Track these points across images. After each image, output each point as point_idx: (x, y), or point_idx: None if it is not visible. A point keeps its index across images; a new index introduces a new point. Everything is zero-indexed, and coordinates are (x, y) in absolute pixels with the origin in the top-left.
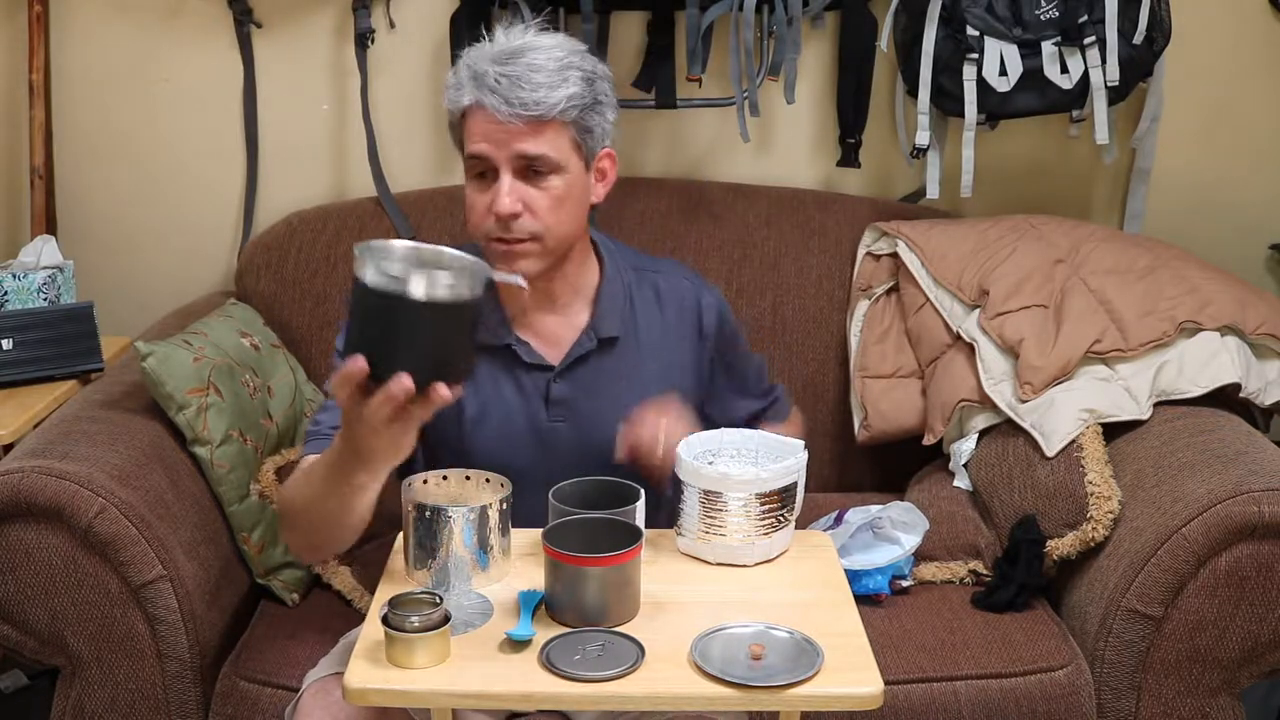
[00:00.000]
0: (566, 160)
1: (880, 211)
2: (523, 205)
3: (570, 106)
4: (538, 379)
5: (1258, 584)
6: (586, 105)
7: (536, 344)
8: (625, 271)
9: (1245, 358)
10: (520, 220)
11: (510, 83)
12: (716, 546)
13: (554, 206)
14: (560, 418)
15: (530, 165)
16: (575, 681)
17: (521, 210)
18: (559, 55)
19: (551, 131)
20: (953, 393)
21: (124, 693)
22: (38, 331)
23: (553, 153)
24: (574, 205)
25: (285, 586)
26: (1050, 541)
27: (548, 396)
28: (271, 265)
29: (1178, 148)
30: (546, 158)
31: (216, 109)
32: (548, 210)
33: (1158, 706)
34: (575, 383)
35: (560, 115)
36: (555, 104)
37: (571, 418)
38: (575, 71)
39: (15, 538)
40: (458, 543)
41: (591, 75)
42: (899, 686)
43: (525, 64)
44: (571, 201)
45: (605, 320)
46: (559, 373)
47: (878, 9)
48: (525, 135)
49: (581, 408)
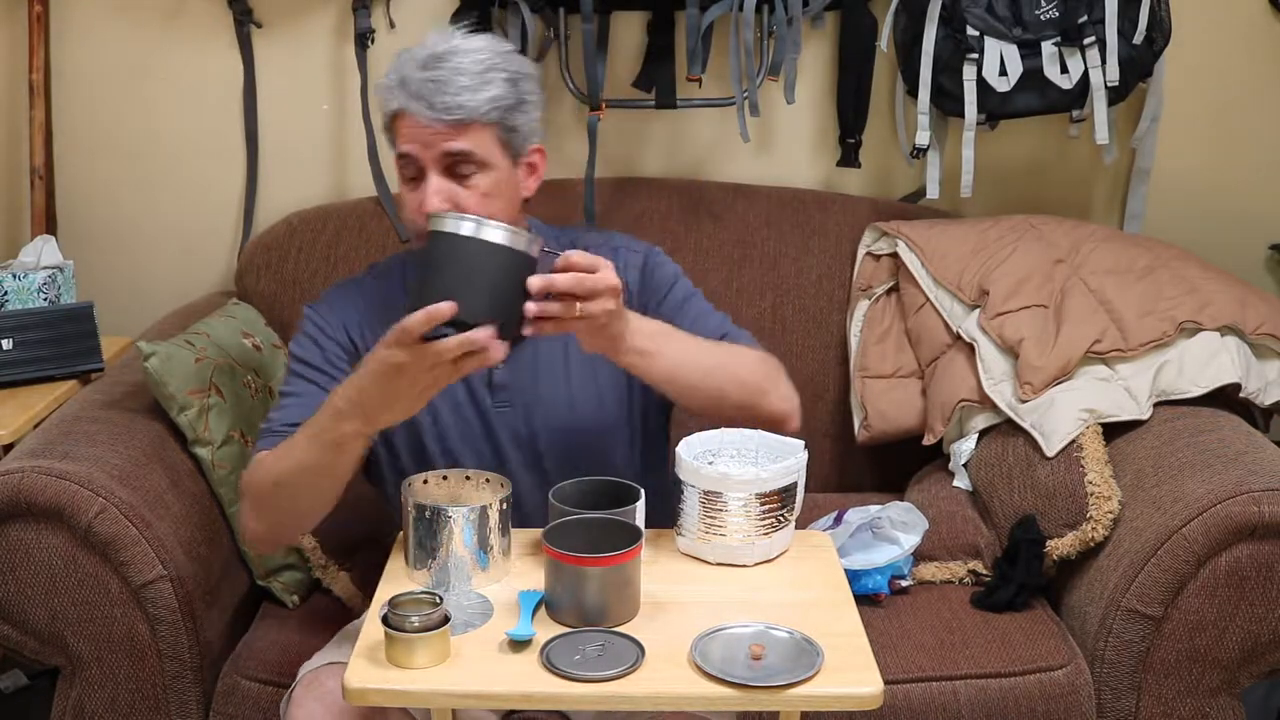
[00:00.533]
0: (492, 158)
1: (880, 211)
2: (450, 204)
3: (493, 108)
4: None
5: (1258, 584)
6: (510, 105)
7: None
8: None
9: (1245, 358)
10: None
11: (435, 87)
12: (716, 546)
13: (482, 203)
14: (505, 402)
15: (456, 164)
16: (575, 681)
17: (449, 208)
18: (483, 58)
19: (475, 132)
20: (953, 393)
21: (124, 693)
22: (38, 331)
23: (478, 151)
24: (503, 201)
25: (285, 588)
26: (1050, 541)
27: (490, 383)
28: (271, 265)
29: (1178, 148)
30: (472, 156)
31: (216, 109)
32: (477, 205)
33: (1157, 706)
34: (516, 366)
35: (483, 117)
36: (477, 106)
37: (517, 400)
38: (499, 73)
39: (15, 538)
40: (458, 543)
41: (516, 76)
42: (899, 686)
43: (450, 68)
44: (500, 198)
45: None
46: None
47: (878, 9)
48: (450, 136)
49: (525, 390)
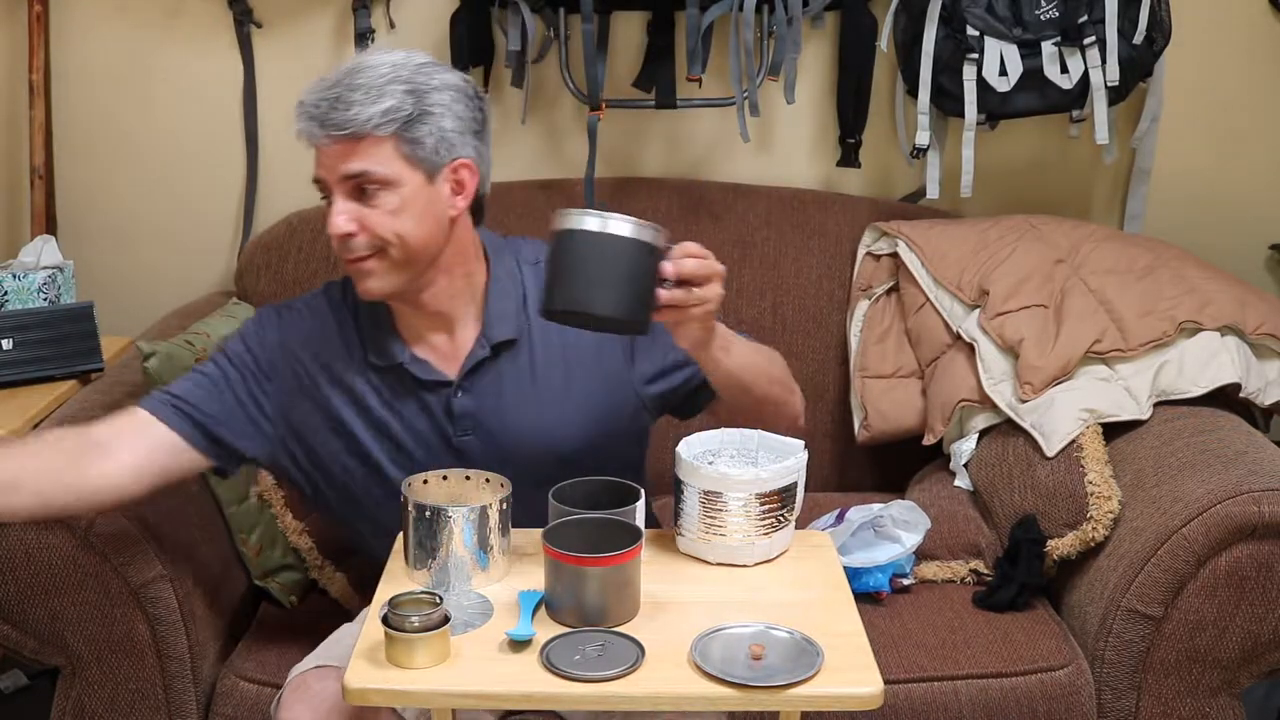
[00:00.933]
0: (397, 175)
1: (880, 211)
2: (357, 225)
3: (386, 121)
4: (440, 396)
5: (1258, 584)
6: (409, 118)
7: (434, 360)
8: (519, 270)
9: (1245, 358)
10: (357, 239)
11: (327, 106)
12: (716, 546)
13: (390, 220)
14: (468, 431)
15: (358, 184)
16: (575, 681)
17: (356, 229)
18: (385, 71)
19: (371, 147)
20: (953, 393)
21: (124, 693)
22: (38, 331)
23: (376, 168)
24: (419, 217)
25: (283, 589)
26: (1050, 541)
27: (450, 412)
28: (271, 265)
29: (1178, 148)
30: (369, 173)
31: (216, 109)
32: (383, 224)
33: (1158, 706)
34: (478, 394)
35: (375, 130)
36: (367, 119)
37: (479, 430)
38: (399, 86)
39: (15, 538)
40: (458, 543)
41: (421, 88)
42: (900, 686)
43: (346, 85)
44: (413, 214)
45: (496, 325)
46: (458, 386)
47: (878, 9)
48: (344, 155)
49: (488, 418)
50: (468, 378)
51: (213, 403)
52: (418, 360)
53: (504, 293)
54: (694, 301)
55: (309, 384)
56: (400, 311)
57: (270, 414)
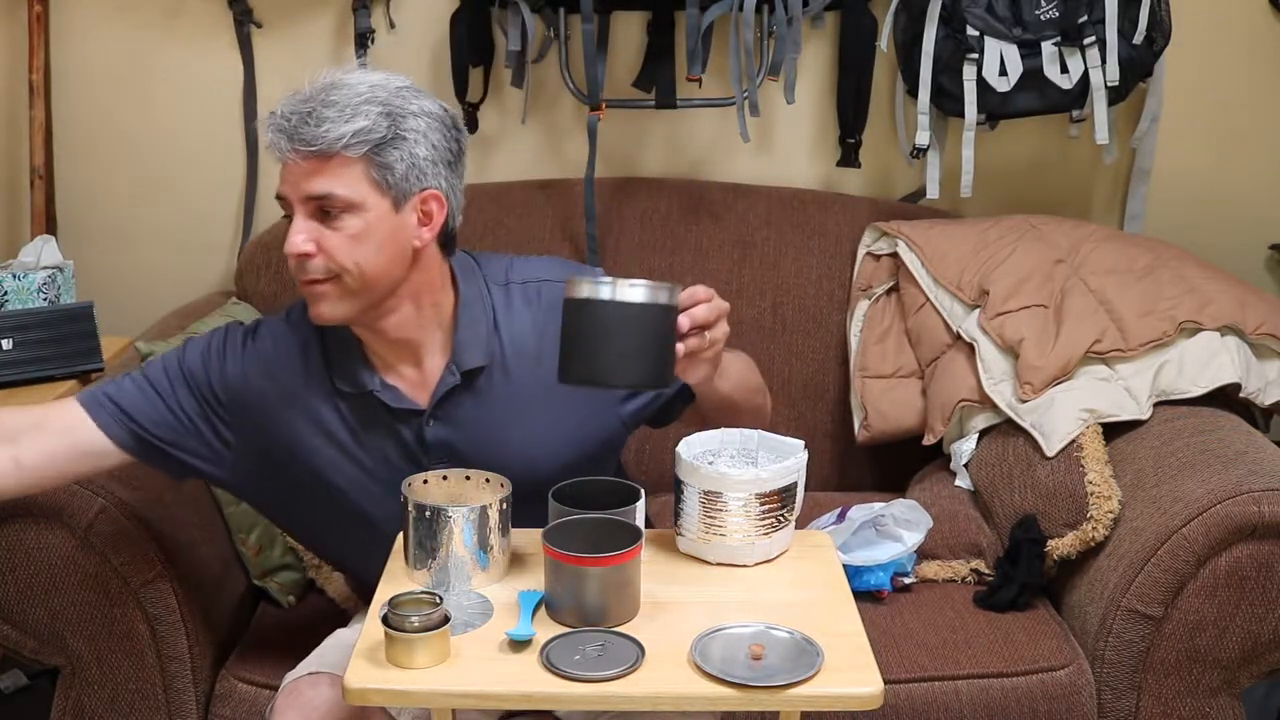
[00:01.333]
0: (363, 199)
1: (880, 211)
2: (315, 246)
3: (356, 142)
4: (412, 424)
5: (1258, 584)
6: (382, 140)
7: (405, 388)
8: (488, 292)
9: (1245, 358)
10: (313, 261)
11: (298, 119)
12: (716, 546)
13: (349, 247)
14: (442, 459)
15: (320, 204)
16: (575, 681)
17: (314, 251)
18: (362, 90)
19: (338, 167)
20: (953, 393)
21: (124, 693)
22: (38, 331)
23: (342, 190)
24: (379, 246)
25: (281, 589)
26: (1050, 541)
27: (423, 441)
28: (271, 265)
29: (1178, 148)
30: (334, 196)
31: (216, 109)
32: (342, 250)
33: (1158, 706)
34: (450, 423)
35: (344, 150)
36: (337, 139)
37: (454, 457)
38: (374, 107)
39: (15, 538)
40: (458, 543)
41: (397, 111)
42: (900, 685)
43: (321, 100)
44: (374, 242)
45: (465, 352)
46: (429, 415)
47: (878, 9)
48: (310, 173)
49: (461, 447)
50: (439, 406)
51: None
52: (388, 388)
53: (473, 319)
54: (707, 345)
55: (274, 414)
56: (367, 338)
57: (230, 442)
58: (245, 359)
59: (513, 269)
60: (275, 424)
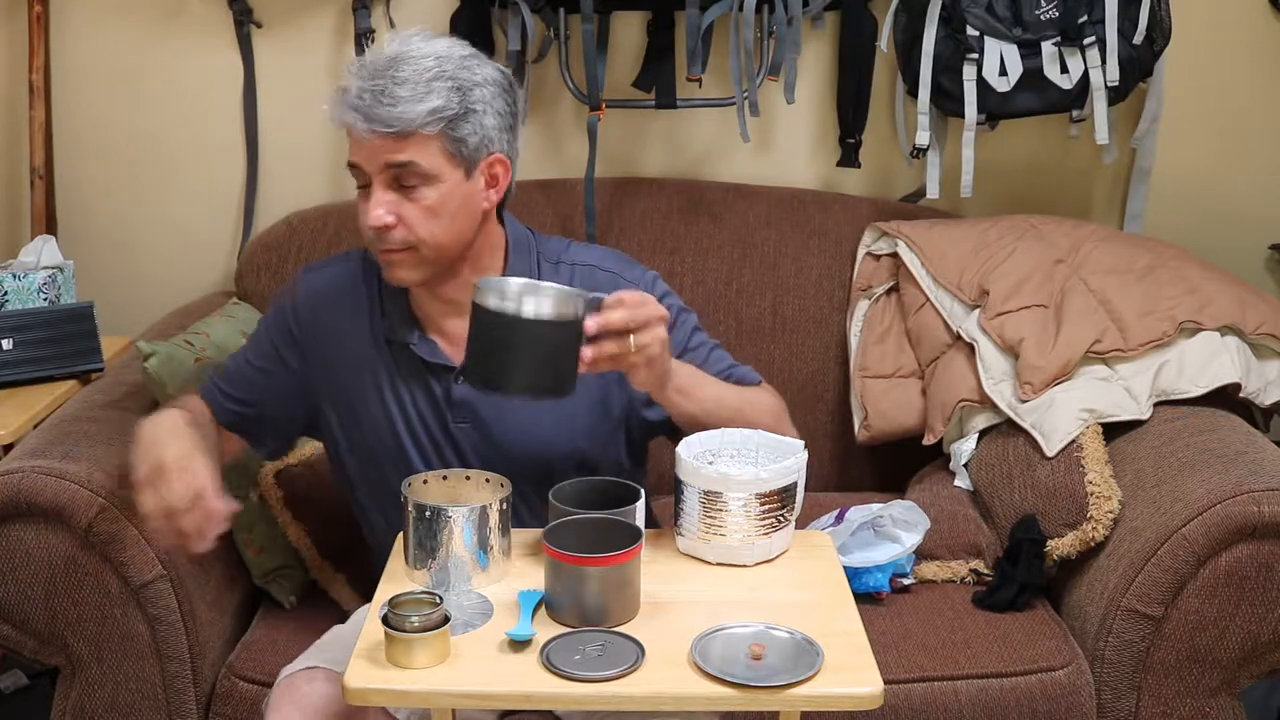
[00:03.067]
0: (439, 171)
1: (880, 211)
2: (395, 217)
3: (433, 120)
4: (443, 380)
5: (1258, 584)
6: (455, 116)
7: (442, 344)
8: (536, 268)
9: (1245, 358)
10: (393, 232)
11: (372, 99)
12: (716, 546)
13: (427, 218)
14: (465, 419)
15: (400, 176)
16: (575, 681)
17: (394, 222)
18: (429, 65)
19: (418, 143)
20: (953, 393)
21: (124, 693)
22: (38, 331)
23: (421, 162)
24: (453, 215)
25: (283, 589)
26: (1050, 541)
27: (449, 398)
28: (271, 265)
29: (1178, 148)
30: (414, 167)
31: (216, 109)
32: (420, 221)
33: (1158, 706)
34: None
35: (423, 129)
36: (414, 119)
37: (475, 420)
38: (443, 83)
39: (15, 538)
40: (458, 543)
41: (466, 84)
42: (900, 686)
43: (390, 77)
44: (449, 211)
45: None
46: (459, 373)
47: (878, 9)
48: (390, 148)
49: (485, 410)
50: None
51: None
52: (425, 341)
53: None
54: (630, 350)
55: (333, 347)
56: (420, 295)
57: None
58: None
59: (570, 250)
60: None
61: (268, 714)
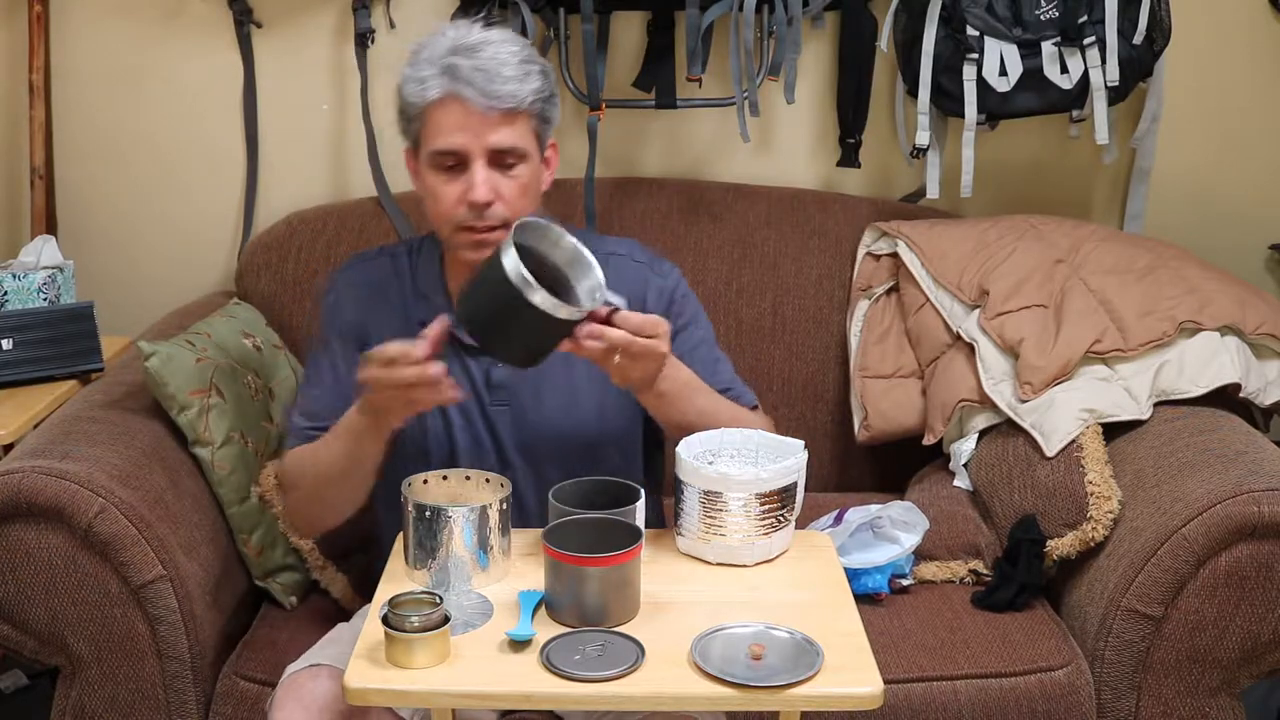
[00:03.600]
0: (530, 149)
1: (880, 211)
2: (495, 194)
3: (536, 99)
4: (481, 363)
5: (1258, 584)
6: (546, 98)
7: None
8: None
9: (1245, 358)
10: (493, 208)
11: (485, 76)
12: (716, 546)
13: (521, 194)
14: (502, 402)
15: (501, 155)
16: (575, 681)
17: (495, 198)
18: (516, 50)
19: (521, 122)
20: (953, 393)
21: (124, 693)
22: (38, 331)
23: (521, 143)
24: (534, 194)
25: (283, 589)
26: (1050, 541)
27: (488, 381)
28: (271, 265)
29: (1178, 148)
30: (517, 148)
31: (216, 109)
32: (516, 198)
33: (1157, 706)
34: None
35: (529, 108)
36: (525, 97)
37: (513, 401)
38: (535, 66)
39: (15, 538)
40: (458, 543)
41: (546, 69)
42: (899, 686)
43: (490, 57)
44: (533, 190)
45: None
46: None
47: (878, 9)
48: (498, 126)
49: (522, 392)
50: None
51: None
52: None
53: None
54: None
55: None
56: (458, 278)
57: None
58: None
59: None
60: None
61: (272, 712)
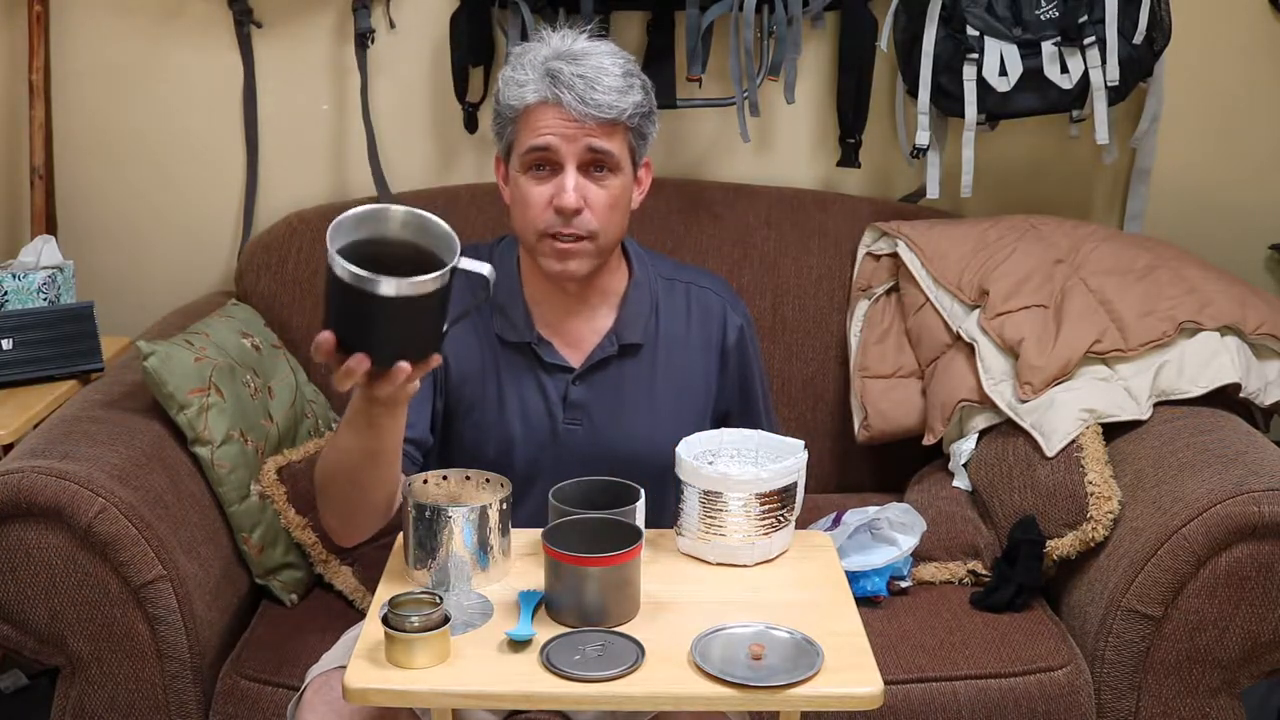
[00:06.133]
0: (623, 163)
1: (880, 211)
2: (584, 203)
3: (636, 112)
4: (558, 380)
5: (1258, 584)
6: (645, 113)
7: (559, 345)
8: (654, 280)
9: (1245, 358)
10: (581, 216)
11: (585, 83)
12: (716, 546)
13: (611, 206)
14: (576, 421)
15: (595, 162)
16: (575, 681)
17: (583, 206)
18: (620, 62)
19: (619, 134)
20: (953, 393)
21: (124, 693)
22: (38, 331)
23: (616, 153)
24: (624, 209)
25: (284, 587)
26: (1050, 541)
27: (566, 399)
28: (271, 265)
29: (1178, 148)
30: (612, 156)
31: (216, 109)
32: (605, 209)
33: (1157, 706)
34: (593, 387)
35: (627, 120)
36: (625, 109)
37: (587, 422)
38: (637, 80)
39: (15, 538)
40: (458, 543)
41: (647, 85)
42: (898, 686)
43: (593, 66)
44: (623, 205)
45: (629, 327)
46: (578, 375)
47: (878, 9)
48: (596, 134)
49: (597, 413)
50: (589, 370)
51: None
52: (544, 342)
53: (640, 299)
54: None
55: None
56: (537, 294)
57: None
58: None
59: (677, 268)
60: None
61: (299, 713)
